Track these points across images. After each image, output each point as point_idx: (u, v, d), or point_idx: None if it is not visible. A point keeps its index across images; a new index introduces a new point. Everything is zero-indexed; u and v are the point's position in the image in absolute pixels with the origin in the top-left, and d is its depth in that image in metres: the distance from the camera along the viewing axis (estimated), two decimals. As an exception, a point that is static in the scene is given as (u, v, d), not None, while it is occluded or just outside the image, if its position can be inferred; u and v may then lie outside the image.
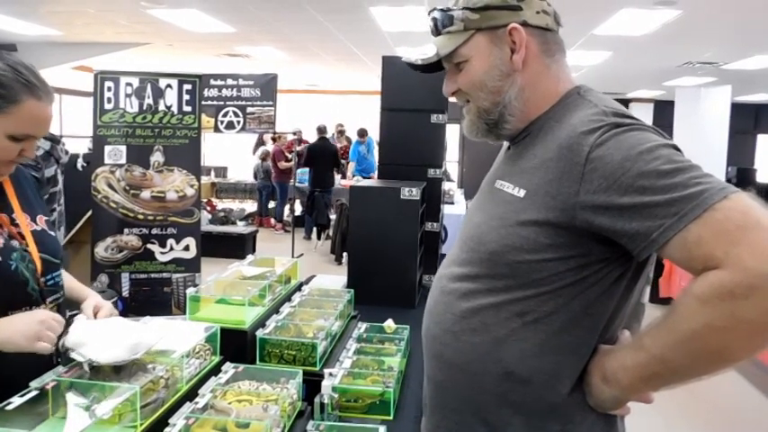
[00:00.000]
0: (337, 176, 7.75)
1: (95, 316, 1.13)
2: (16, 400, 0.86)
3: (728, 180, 8.47)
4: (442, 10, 0.89)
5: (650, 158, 0.73)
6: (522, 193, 0.82)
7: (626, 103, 11.11)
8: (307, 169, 7.20)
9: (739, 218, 0.67)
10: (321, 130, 7.43)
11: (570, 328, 0.81)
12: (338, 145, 8.40)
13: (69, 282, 1.22)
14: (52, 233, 1.17)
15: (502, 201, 0.85)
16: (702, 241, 0.68)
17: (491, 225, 0.85)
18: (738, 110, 9.08)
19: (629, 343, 0.81)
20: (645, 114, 10.96)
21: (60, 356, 1.04)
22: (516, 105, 0.87)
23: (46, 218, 1.17)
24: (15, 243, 1.06)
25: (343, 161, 8.24)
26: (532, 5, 0.86)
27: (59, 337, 1.01)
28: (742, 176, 9.45)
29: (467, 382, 0.86)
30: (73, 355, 0.97)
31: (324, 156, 7.04)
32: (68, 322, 1.12)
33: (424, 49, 0.90)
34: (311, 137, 8.12)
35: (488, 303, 0.84)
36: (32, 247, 1.08)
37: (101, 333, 1.02)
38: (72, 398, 0.90)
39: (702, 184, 0.70)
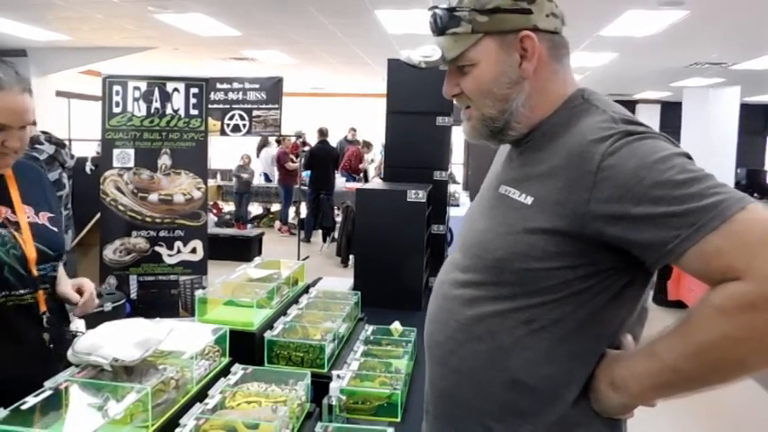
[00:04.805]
0: (341, 179, 7.76)
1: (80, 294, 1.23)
2: (30, 400, 0.87)
3: (738, 182, 8.38)
4: (446, 9, 0.85)
5: (665, 168, 0.72)
6: (529, 200, 0.81)
7: (632, 104, 11.04)
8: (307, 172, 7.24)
9: (759, 229, 0.67)
10: (322, 133, 7.43)
11: (577, 336, 0.80)
12: (353, 147, 8.43)
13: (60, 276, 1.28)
14: (54, 229, 1.21)
15: (508, 207, 0.84)
16: (722, 252, 0.68)
17: (497, 232, 0.83)
18: (748, 110, 9.02)
19: (639, 350, 0.80)
20: (652, 116, 10.88)
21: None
22: (523, 112, 0.84)
23: (51, 215, 1.21)
24: (2, 230, 1.10)
25: (362, 165, 8.27)
26: (543, 8, 0.83)
27: (61, 339, 1.04)
28: (752, 178, 9.32)
29: (472, 389, 0.84)
30: (91, 358, 0.98)
31: (325, 158, 7.06)
32: (73, 336, 1.16)
33: (423, 50, 0.86)
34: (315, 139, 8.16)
35: (494, 311, 0.82)
36: (27, 236, 1.13)
37: (116, 334, 1.03)
38: (78, 396, 0.91)
39: (719, 194, 0.69)
